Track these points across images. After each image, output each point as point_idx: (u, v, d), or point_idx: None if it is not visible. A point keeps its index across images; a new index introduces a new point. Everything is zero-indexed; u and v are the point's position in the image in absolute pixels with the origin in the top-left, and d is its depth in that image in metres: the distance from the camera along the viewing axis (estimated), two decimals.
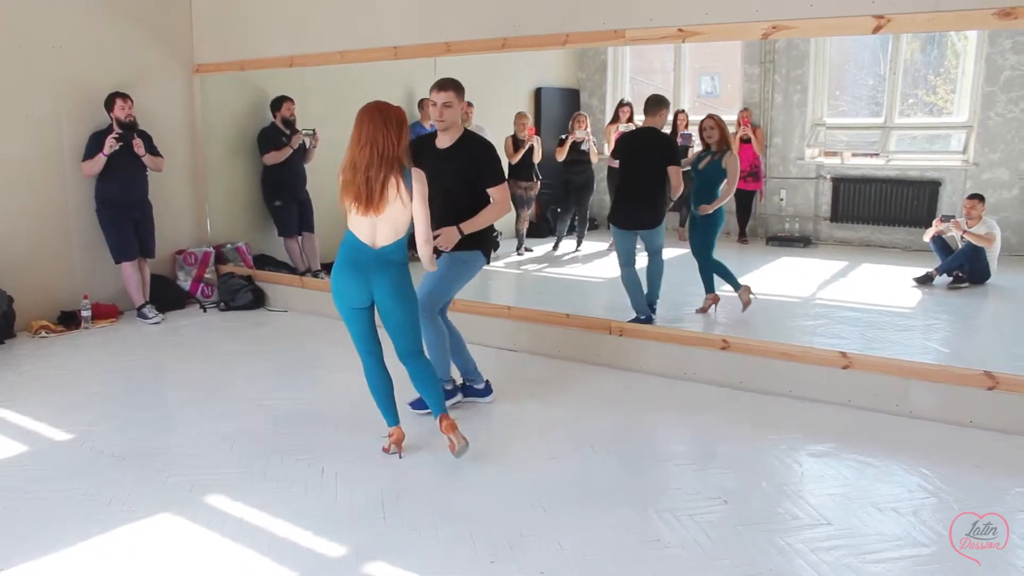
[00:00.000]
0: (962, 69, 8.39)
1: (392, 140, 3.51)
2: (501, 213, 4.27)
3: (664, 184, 5.56)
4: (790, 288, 7.18)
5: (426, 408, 4.19)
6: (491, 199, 4.23)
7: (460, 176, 4.17)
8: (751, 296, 5.95)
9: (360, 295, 3.69)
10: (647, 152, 5.59)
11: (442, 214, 4.09)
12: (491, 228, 4.40)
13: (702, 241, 6.02)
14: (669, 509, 3.37)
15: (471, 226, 4.16)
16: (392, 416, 3.91)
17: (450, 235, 4.11)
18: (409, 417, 4.28)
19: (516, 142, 8.19)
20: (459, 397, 4.56)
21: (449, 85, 4.18)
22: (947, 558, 2.99)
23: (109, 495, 3.49)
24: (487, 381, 4.62)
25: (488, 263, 4.43)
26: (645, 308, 5.62)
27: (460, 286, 4.39)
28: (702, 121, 6.07)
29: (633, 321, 5.50)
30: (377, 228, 3.61)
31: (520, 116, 8.21)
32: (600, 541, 3.12)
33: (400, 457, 3.87)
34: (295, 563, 2.98)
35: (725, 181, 5.87)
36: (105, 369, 5.33)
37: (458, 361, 4.54)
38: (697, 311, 6.02)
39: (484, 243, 4.37)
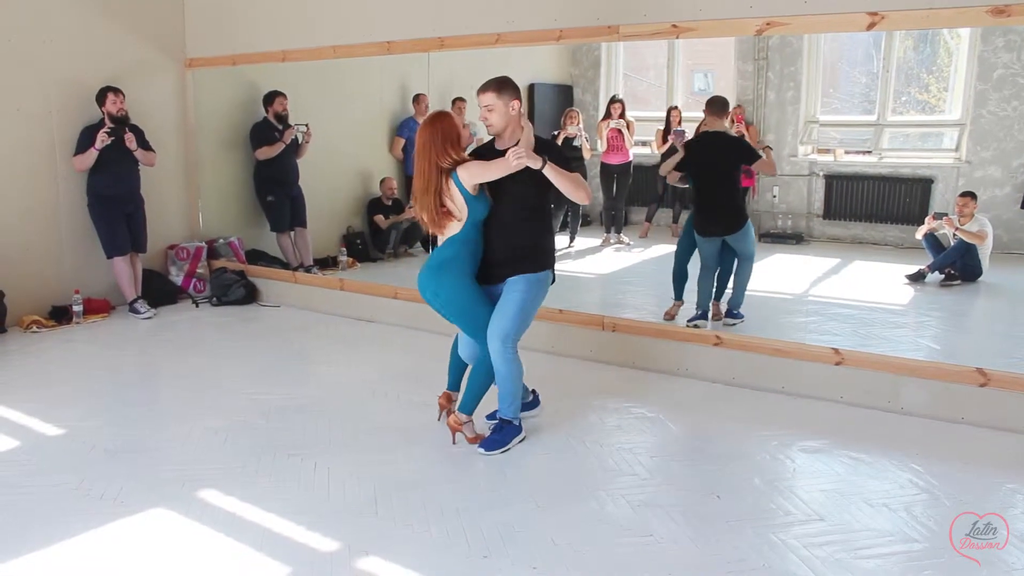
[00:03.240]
0: (955, 67, 8.40)
1: (433, 156, 3.68)
2: (579, 185, 3.81)
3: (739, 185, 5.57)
4: (783, 285, 7.19)
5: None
6: None
7: (524, 185, 3.77)
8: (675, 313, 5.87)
9: (423, 290, 3.90)
10: (724, 156, 5.52)
11: (512, 219, 3.84)
12: (553, 239, 4.08)
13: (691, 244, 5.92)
14: (662, 504, 3.37)
15: (554, 170, 3.70)
16: (453, 380, 4.21)
17: (531, 150, 3.66)
18: (406, 410, 4.29)
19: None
20: (539, 409, 4.37)
21: (488, 86, 3.80)
22: (939, 554, 3.00)
23: (101, 490, 3.48)
24: (534, 391, 4.37)
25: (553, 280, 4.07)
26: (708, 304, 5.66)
27: (535, 311, 3.96)
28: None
29: (694, 321, 5.52)
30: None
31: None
32: (592, 536, 3.12)
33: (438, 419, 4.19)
34: (288, 558, 2.97)
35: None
36: (96, 364, 5.31)
37: None
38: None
39: (552, 261, 4.01)
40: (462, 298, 3.83)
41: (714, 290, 5.77)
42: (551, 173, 3.69)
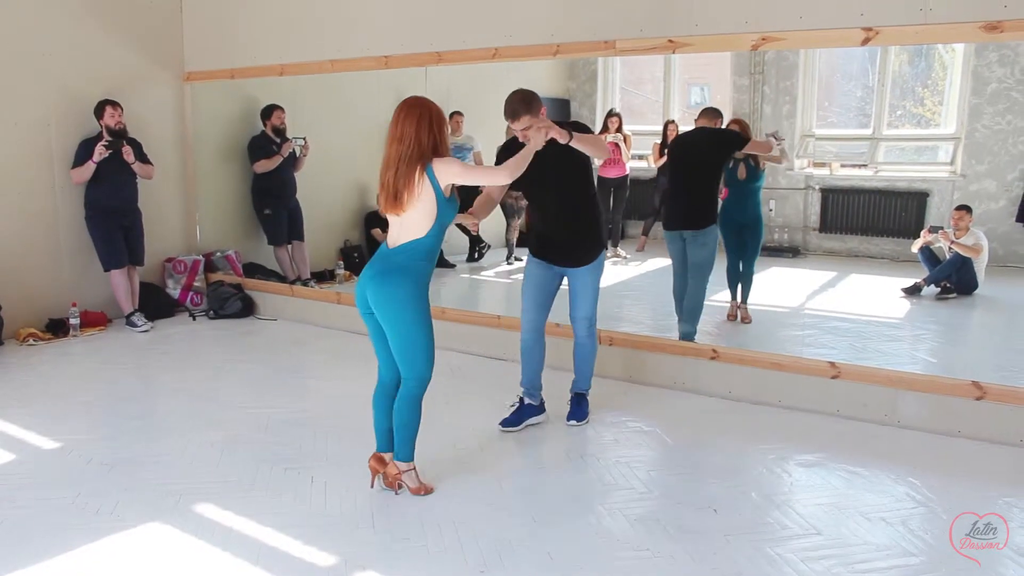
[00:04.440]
0: (949, 81, 8.44)
1: (422, 134, 3.27)
2: (601, 145, 4.08)
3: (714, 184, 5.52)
4: (779, 298, 7.20)
5: (516, 425, 4.26)
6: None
7: (564, 161, 3.93)
8: None
9: (361, 297, 3.43)
10: (701, 147, 5.45)
11: (557, 211, 4.12)
12: (603, 227, 4.38)
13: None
14: (659, 518, 3.37)
15: (580, 139, 3.83)
16: (382, 439, 3.63)
17: (551, 127, 3.73)
18: None
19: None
20: (543, 416, 4.45)
21: (518, 111, 3.82)
22: (936, 567, 3.00)
23: (97, 504, 3.48)
24: (542, 400, 4.47)
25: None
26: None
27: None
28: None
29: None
30: (401, 226, 3.38)
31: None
32: (590, 550, 3.12)
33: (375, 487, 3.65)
34: (284, 572, 2.96)
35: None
36: (93, 377, 5.31)
37: (532, 372, 4.36)
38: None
39: (604, 241, 4.38)
40: (413, 318, 3.35)
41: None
42: (579, 143, 3.84)
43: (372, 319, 3.45)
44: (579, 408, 4.45)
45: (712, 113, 5.61)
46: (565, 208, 4.12)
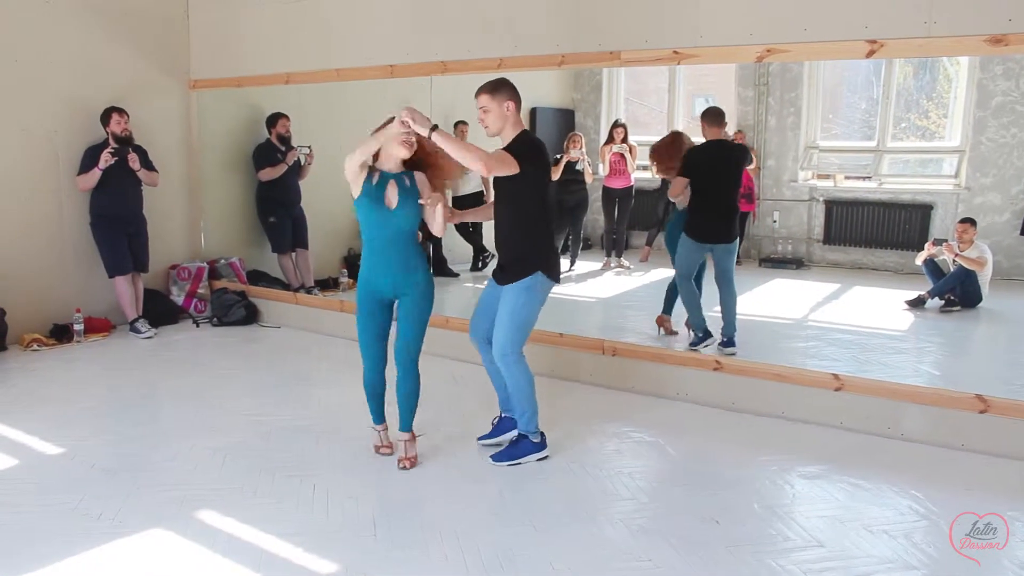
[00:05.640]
0: (954, 94, 8.46)
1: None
2: (469, 151, 3.63)
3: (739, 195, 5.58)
4: (783, 309, 7.20)
5: (491, 438, 4.23)
6: None
7: (506, 186, 3.82)
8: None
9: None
10: (729, 164, 5.50)
11: (501, 227, 3.94)
12: (542, 243, 3.92)
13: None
14: (660, 529, 3.36)
15: (442, 136, 3.60)
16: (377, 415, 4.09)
17: (419, 117, 3.60)
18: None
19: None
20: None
21: (483, 88, 3.84)
22: None
23: (99, 510, 3.48)
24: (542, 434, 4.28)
25: (558, 282, 3.99)
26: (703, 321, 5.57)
27: (533, 316, 3.91)
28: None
29: (694, 345, 5.52)
30: None
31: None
32: (591, 560, 3.11)
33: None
34: None
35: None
36: (97, 383, 5.32)
37: (497, 385, 4.22)
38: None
39: (542, 263, 3.87)
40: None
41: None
42: (440, 139, 3.59)
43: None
44: (508, 448, 4.05)
45: (717, 117, 5.54)
46: (498, 225, 3.98)
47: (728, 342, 5.48)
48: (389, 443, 4.08)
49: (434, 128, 3.59)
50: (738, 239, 5.63)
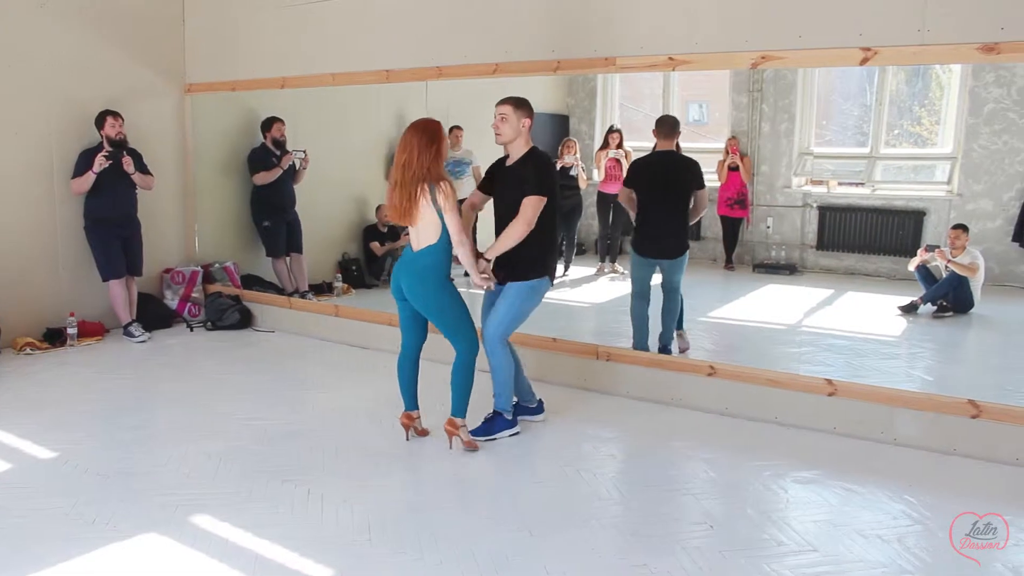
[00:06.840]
0: (946, 101, 8.51)
1: (423, 159, 3.91)
2: (524, 227, 4.11)
3: (687, 211, 5.42)
4: (776, 315, 7.22)
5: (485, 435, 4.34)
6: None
7: (518, 191, 4.15)
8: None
9: (396, 286, 4.17)
10: (674, 177, 5.38)
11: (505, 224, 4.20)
12: (550, 249, 4.36)
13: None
14: (655, 534, 3.37)
15: (495, 250, 4.15)
16: (409, 401, 4.32)
17: (476, 272, 4.11)
18: (400, 437, 4.28)
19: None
20: (543, 416, 4.69)
21: (508, 100, 4.23)
22: None
23: (93, 514, 3.47)
24: (540, 400, 4.69)
25: (552, 286, 4.42)
26: (644, 345, 5.45)
27: (528, 314, 4.35)
28: None
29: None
30: (418, 234, 4.04)
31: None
32: (586, 565, 3.12)
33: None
34: None
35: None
36: (90, 387, 5.30)
37: (515, 384, 4.50)
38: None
39: (548, 268, 4.34)
40: (445, 304, 4.09)
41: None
42: (498, 250, 4.15)
43: (405, 304, 4.18)
44: (483, 423, 4.39)
45: (669, 127, 5.45)
46: (503, 226, 4.26)
47: (663, 349, 5.46)
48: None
49: (487, 260, 4.16)
50: (686, 253, 5.43)
